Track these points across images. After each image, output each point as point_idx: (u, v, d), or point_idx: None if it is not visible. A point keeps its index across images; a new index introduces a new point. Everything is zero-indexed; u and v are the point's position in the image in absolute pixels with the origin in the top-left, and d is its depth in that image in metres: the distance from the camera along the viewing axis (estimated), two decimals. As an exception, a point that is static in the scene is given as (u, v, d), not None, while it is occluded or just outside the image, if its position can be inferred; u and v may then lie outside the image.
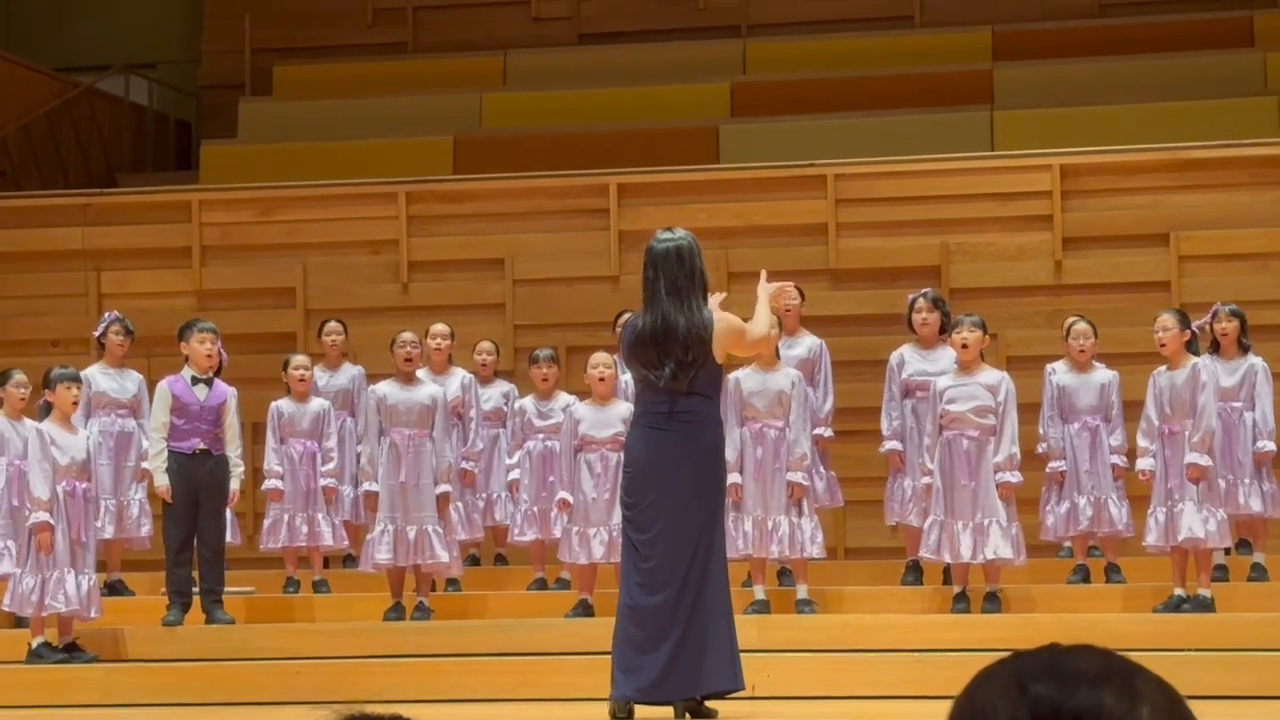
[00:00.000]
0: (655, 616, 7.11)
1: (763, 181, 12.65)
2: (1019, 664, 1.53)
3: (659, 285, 7.16)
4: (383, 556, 9.76)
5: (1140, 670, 1.54)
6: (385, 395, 9.94)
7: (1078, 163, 12.32)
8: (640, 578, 7.13)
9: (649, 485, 7.11)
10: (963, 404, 9.39)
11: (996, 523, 9.27)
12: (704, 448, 7.16)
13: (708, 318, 7.14)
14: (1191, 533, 9.11)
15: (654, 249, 7.26)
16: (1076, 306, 11.45)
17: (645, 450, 7.15)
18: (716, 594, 7.19)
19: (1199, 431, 9.16)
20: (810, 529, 9.57)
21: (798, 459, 9.53)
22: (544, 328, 12.45)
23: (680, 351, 7.06)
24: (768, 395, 9.61)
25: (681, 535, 7.08)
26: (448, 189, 13.09)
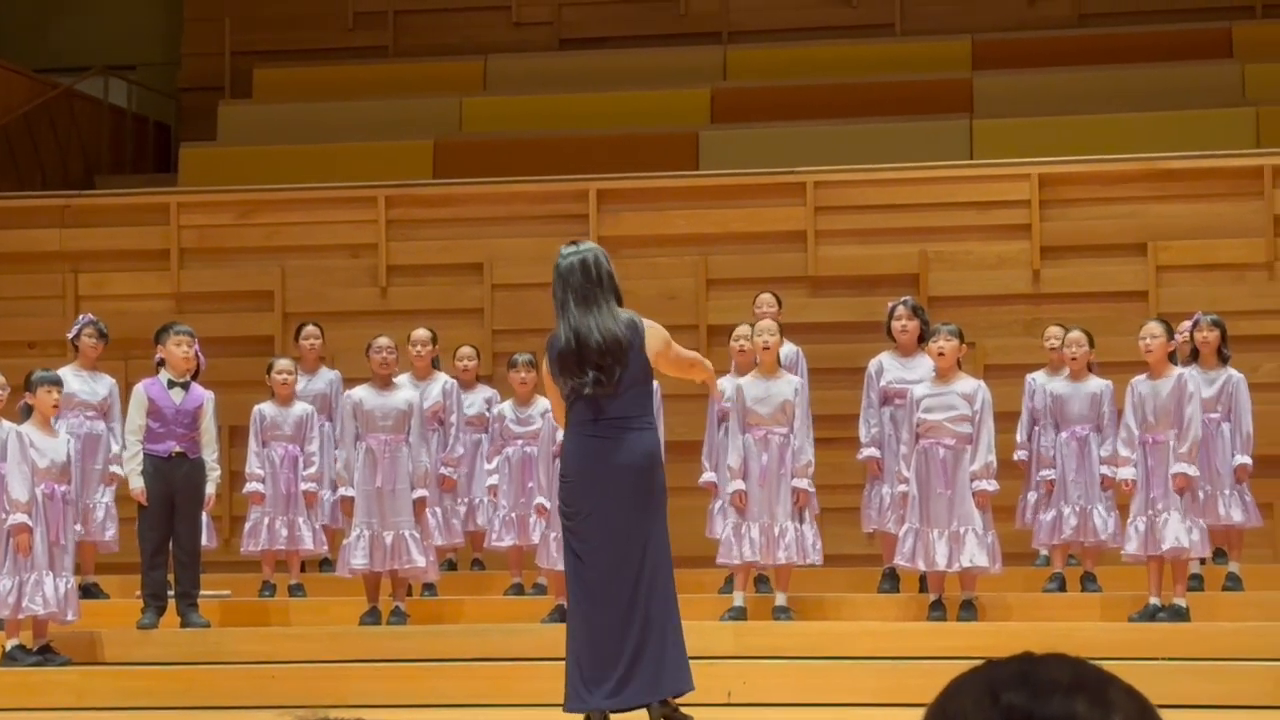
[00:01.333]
0: (608, 628, 7.10)
1: (742, 188, 12.66)
2: (991, 673, 1.53)
3: (568, 300, 7.19)
4: (359, 561, 9.74)
5: (1112, 679, 1.54)
6: (361, 400, 9.92)
7: (1056, 172, 12.35)
8: (586, 589, 7.13)
9: (586, 495, 7.11)
10: (939, 413, 9.40)
11: (972, 531, 9.28)
12: (639, 453, 7.16)
13: (624, 318, 7.16)
14: (1177, 542, 9.13)
15: (559, 266, 7.29)
16: (1054, 315, 11.48)
17: (579, 458, 7.16)
18: (665, 597, 7.19)
19: (1186, 441, 9.18)
20: (812, 536, 9.62)
21: (803, 466, 9.58)
22: (522, 333, 12.44)
23: (597, 357, 7.08)
24: (771, 402, 9.64)
25: (625, 543, 7.08)
26: (427, 193, 13.08)
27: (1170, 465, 9.23)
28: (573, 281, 7.16)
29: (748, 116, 14.15)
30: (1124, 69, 13.84)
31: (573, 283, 7.16)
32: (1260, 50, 13.80)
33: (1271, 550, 11.51)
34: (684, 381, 11.31)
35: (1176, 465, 9.17)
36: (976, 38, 14.63)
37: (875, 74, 14.26)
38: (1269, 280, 12.00)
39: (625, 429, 7.11)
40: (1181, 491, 9.17)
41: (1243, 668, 8.81)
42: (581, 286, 7.14)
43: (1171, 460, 9.22)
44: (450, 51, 15.60)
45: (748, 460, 9.62)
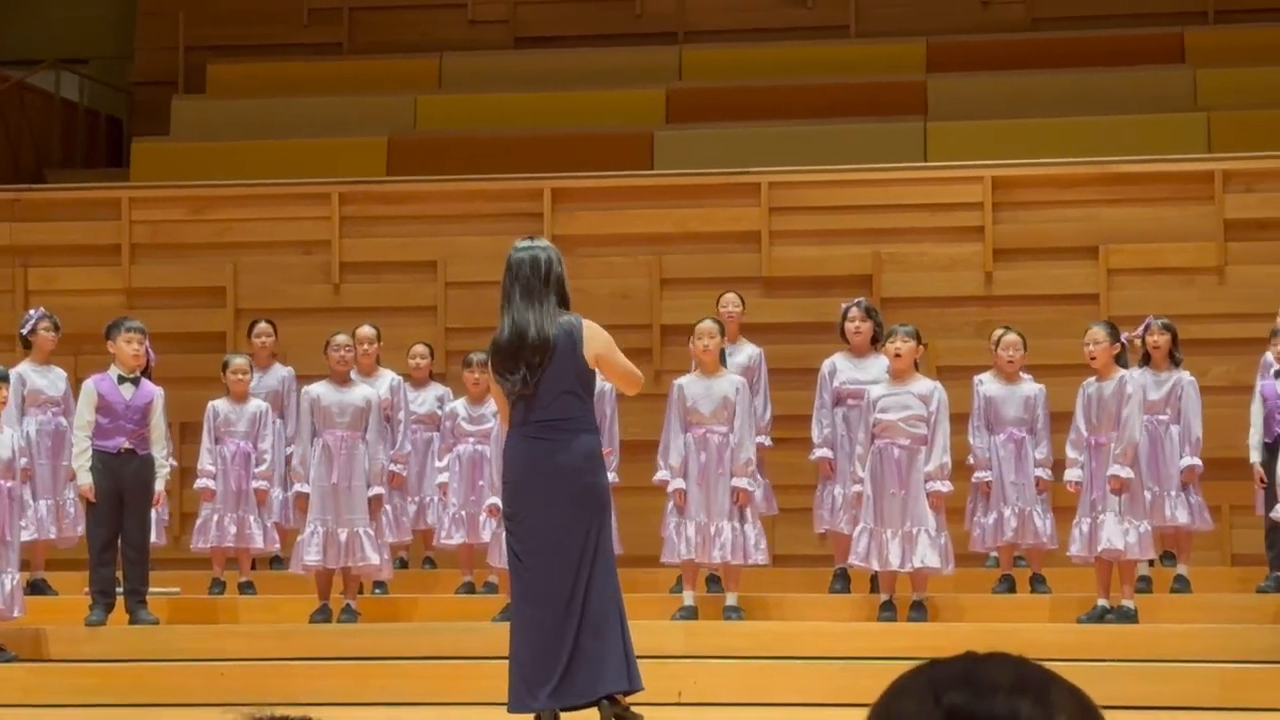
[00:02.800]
0: (548, 628, 7.10)
1: (697, 188, 12.67)
2: (934, 673, 1.53)
3: (514, 292, 7.18)
4: (312, 557, 9.71)
5: (1055, 679, 1.54)
6: (319, 396, 9.90)
7: (1009, 175, 12.40)
8: (526, 590, 7.12)
9: (527, 497, 7.10)
10: (895, 413, 9.43)
11: (925, 531, 9.31)
12: (579, 453, 7.15)
13: (564, 321, 7.15)
14: (1111, 544, 9.18)
15: (511, 258, 7.28)
16: (1006, 317, 11.52)
17: (517, 460, 7.15)
18: (608, 598, 7.19)
19: (1122, 443, 9.24)
20: (754, 535, 9.61)
21: (742, 464, 9.57)
22: (476, 331, 12.41)
23: (531, 355, 7.07)
24: (712, 401, 9.64)
25: (566, 545, 7.08)
26: (381, 190, 13.05)
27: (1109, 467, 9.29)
28: (520, 275, 7.15)
29: (703, 116, 14.16)
30: (1077, 73, 13.91)
31: (520, 276, 7.15)
32: (1212, 56, 13.89)
33: (1220, 553, 11.58)
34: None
35: (1111, 467, 9.22)
36: (931, 40, 14.68)
37: (830, 75, 14.29)
38: (1219, 284, 12.07)
39: (562, 430, 7.09)
40: (1117, 493, 9.22)
41: (1189, 669, 8.86)
42: (528, 281, 7.13)
43: (1109, 462, 9.27)
44: (405, 49, 15.56)
45: (688, 459, 9.63)
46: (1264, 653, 9.01)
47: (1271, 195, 12.11)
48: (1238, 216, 12.10)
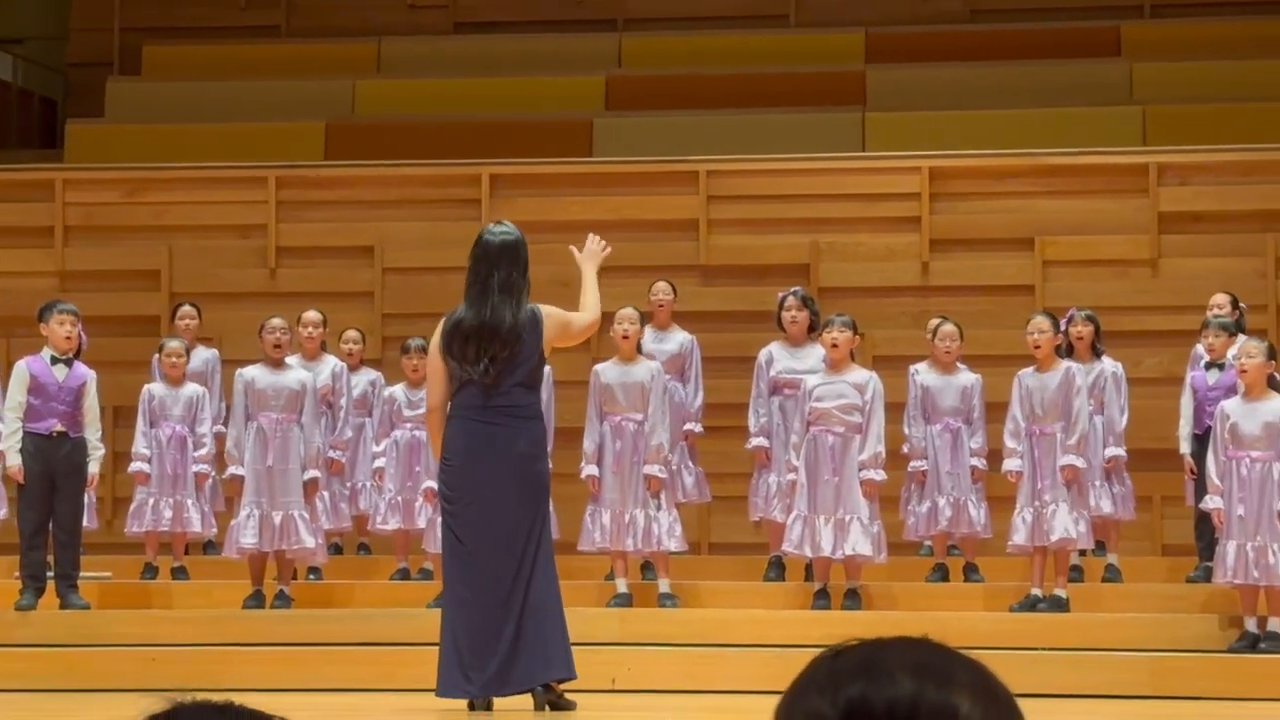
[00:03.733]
0: (489, 615, 7.09)
1: (635, 176, 12.66)
2: (835, 664, 1.52)
3: (492, 280, 7.14)
4: (248, 541, 9.67)
5: (959, 660, 1.53)
6: (254, 379, 9.86)
7: (946, 166, 12.45)
8: (468, 575, 7.10)
9: (471, 483, 7.09)
10: (830, 401, 9.46)
11: (858, 519, 9.34)
12: (526, 441, 7.14)
13: (531, 314, 7.14)
14: (1066, 533, 9.25)
15: (489, 242, 7.23)
16: (942, 308, 11.57)
17: (467, 445, 7.13)
18: (547, 586, 7.19)
19: (1075, 433, 9.30)
20: (668, 522, 9.60)
21: (654, 451, 9.56)
22: (413, 317, 12.37)
23: (498, 348, 7.05)
24: (628, 388, 9.64)
25: (509, 531, 7.07)
26: (318, 175, 12.99)
27: (1059, 457, 9.34)
28: (501, 263, 7.11)
29: (642, 104, 14.15)
30: (1014, 65, 13.97)
31: (500, 264, 7.11)
32: (1148, 49, 13.97)
33: (1151, 543, 11.67)
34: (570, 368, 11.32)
35: (1065, 457, 9.28)
36: (870, 31, 14.71)
37: (769, 65, 14.30)
38: (1152, 277, 12.16)
39: (514, 417, 7.09)
40: (1070, 483, 9.28)
41: (1120, 658, 8.93)
42: (507, 270, 7.10)
43: (1059, 452, 9.33)
44: (344, 33, 15.47)
45: (602, 446, 9.63)
46: (1193, 641, 9.09)
47: (1205, 189, 12.20)
48: (1172, 209, 12.18)
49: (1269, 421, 8.88)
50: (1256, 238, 12.07)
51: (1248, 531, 8.80)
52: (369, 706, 8.52)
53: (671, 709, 8.43)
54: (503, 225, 7.34)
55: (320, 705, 8.43)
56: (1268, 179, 12.17)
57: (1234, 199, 12.14)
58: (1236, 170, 12.21)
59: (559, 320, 7.25)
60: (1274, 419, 8.87)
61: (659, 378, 9.67)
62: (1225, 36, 13.80)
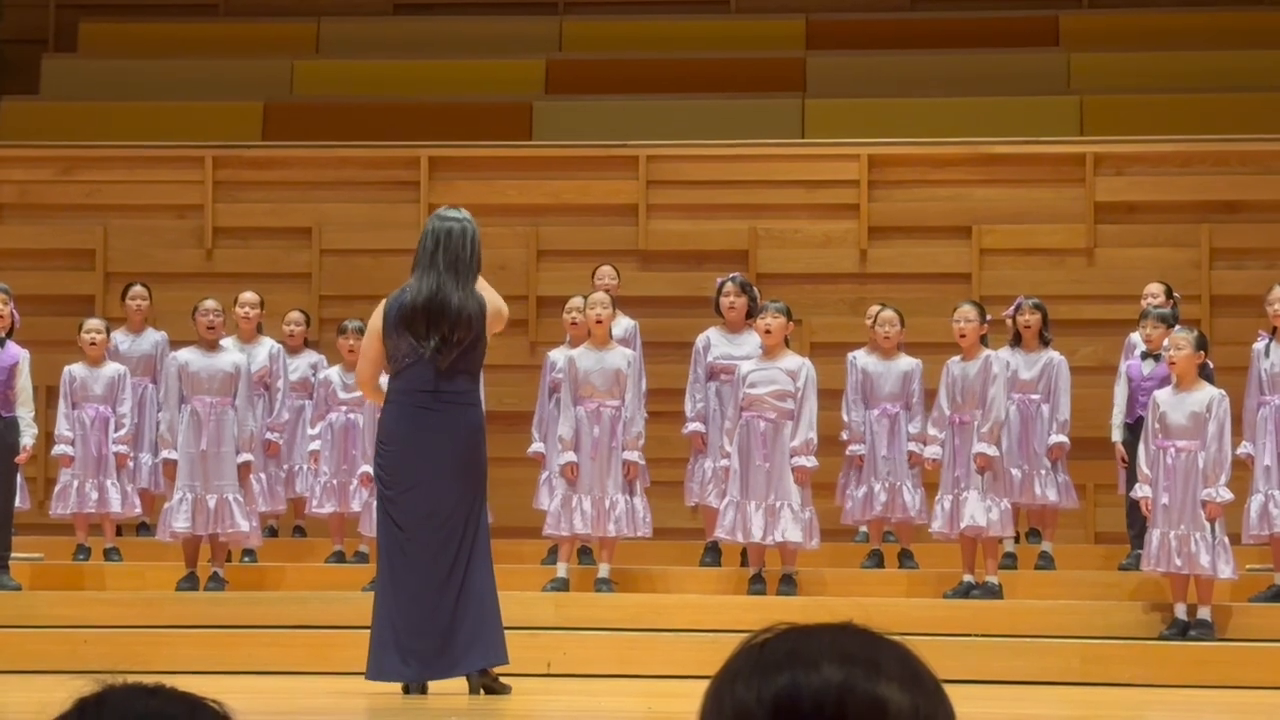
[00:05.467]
0: (427, 599, 7.09)
1: (575, 160, 12.66)
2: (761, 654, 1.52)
3: (439, 258, 7.15)
4: (181, 524, 9.63)
5: (883, 644, 1.53)
6: (187, 362, 9.81)
7: (885, 153, 12.50)
8: (406, 560, 7.11)
9: (410, 467, 7.09)
10: (763, 387, 9.50)
11: (789, 505, 9.38)
12: (466, 428, 7.16)
13: (479, 298, 7.15)
14: (974, 521, 9.32)
15: (439, 224, 7.24)
16: (880, 295, 11.62)
17: (406, 429, 7.13)
18: (483, 572, 7.20)
19: (988, 422, 9.37)
20: (642, 508, 9.66)
21: (633, 438, 9.61)
22: (350, 299, 12.33)
23: (447, 329, 7.05)
24: (604, 374, 9.67)
25: (447, 517, 7.08)
26: (256, 155, 12.93)
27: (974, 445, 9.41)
28: (449, 244, 7.11)
29: (582, 88, 14.13)
30: (953, 54, 14.03)
31: (449, 245, 7.10)
32: (1085, 40, 14.06)
33: (1084, 530, 11.77)
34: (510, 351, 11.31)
35: (977, 445, 9.36)
36: (810, 17, 14.74)
37: (709, 50, 14.32)
38: (1088, 266, 12.25)
39: (455, 403, 7.09)
40: (982, 471, 9.35)
41: (1052, 645, 9.01)
42: (456, 253, 7.09)
43: (975, 440, 9.40)
44: (282, 12, 15.38)
45: (579, 432, 9.64)
46: (1124, 628, 9.18)
47: (1141, 179, 12.30)
48: (1108, 199, 12.28)
49: (1195, 412, 8.96)
50: (1191, 228, 12.17)
51: (1172, 520, 8.89)
52: (303, 689, 8.50)
53: (607, 693, 8.45)
54: (456, 210, 7.33)
55: (254, 688, 8.41)
56: (1203, 170, 12.27)
57: (1170, 189, 12.24)
58: (1173, 161, 12.32)
59: (494, 305, 7.25)
60: (1199, 409, 8.96)
61: (636, 364, 9.73)
62: (1163, 27, 13.90)
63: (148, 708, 1.53)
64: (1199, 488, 8.89)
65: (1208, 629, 8.96)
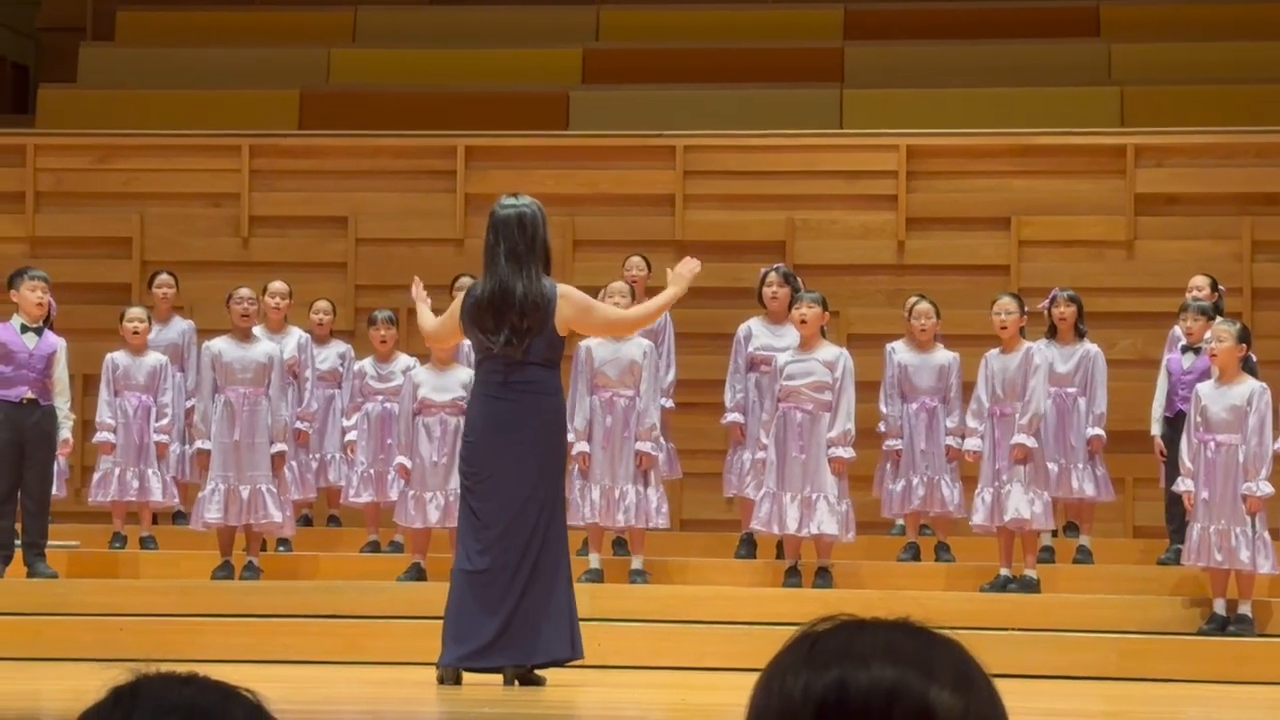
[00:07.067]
0: (493, 582, 7.12)
1: (611, 150, 12.66)
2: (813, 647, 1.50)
3: (499, 251, 7.16)
4: (213, 515, 9.67)
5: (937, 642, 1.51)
6: (221, 352, 9.85)
7: (923, 144, 12.46)
8: (480, 544, 7.15)
9: (489, 457, 7.13)
10: (800, 379, 9.50)
11: (825, 497, 9.37)
12: (543, 417, 7.18)
13: (547, 288, 7.14)
14: (1018, 514, 9.30)
15: (496, 214, 7.25)
16: (917, 287, 11.59)
17: (484, 420, 7.17)
18: (556, 563, 7.21)
19: (1027, 413, 9.35)
20: (656, 499, 9.65)
21: (647, 429, 9.60)
22: (385, 289, 12.35)
23: (515, 318, 7.06)
24: (619, 364, 9.67)
25: (523, 506, 7.11)
26: (292, 144, 12.96)
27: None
28: (507, 234, 7.13)
29: (619, 78, 14.12)
30: (993, 44, 13.97)
31: (506, 235, 7.12)
32: (1127, 30, 13.99)
33: (1122, 525, 11.72)
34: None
35: (1016, 436, 9.34)
36: (849, 7, 14.70)
37: (747, 40, 14.29)
38: (1127, 258, 12.20)
39: (532, 393, 7.10)
40: (1021, 462, 9.33)
41: (1089, 639, 8.99)
42: (516, 242, 7.11)
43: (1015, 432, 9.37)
44: (319, 1, 15.41)
45: (592, 422, 9.64)
46: (1163, 624, 9.15)
47: (1181, 170, 12.24)
48: (1148, 191, 12.22)
49: (1236, 405, 8.93)
50: (1232, 220, 12.11)
51: (1212, 515, 8.86)
52: (337, 679, 8.53)
53: (641, 685, 8.45)
54: (514, 197, 7.34)
55: (287, 678, 8.44)
56: (1245, 162, 12.21)
57: (1211, 181, 12.17)
58: (1214, 152, 12.25)
59: (578, 303, 7.22)
60: (1240, 403, 8.92)
61: (651, 355, 9.73)
62: (1205, 18, 13.82)
63: (181, 697, 1.53)
64: (1239, 482, 8.85)
65: (1248, 624, 8.92)
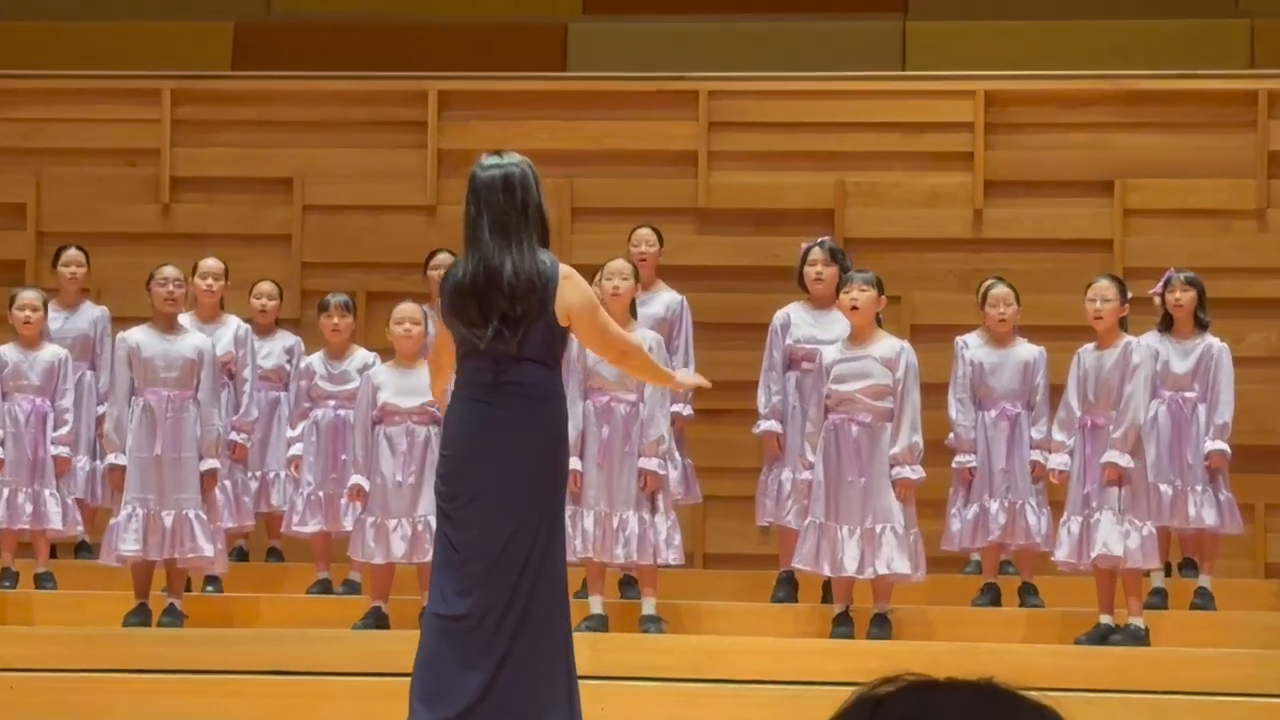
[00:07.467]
0: (473, 630, 7.09)
1: (620, 96, 12.67)
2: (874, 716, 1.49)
3: (481, 224, 7.12)
4: (129, 547, 9.69)
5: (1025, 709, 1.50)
6: (139, 345, 9.86)
7: (1006, 89, 12.46)
8: (458, 584, 7.10)
9: (471, 473, 7.08)
10: (853, 382, 9.47)
11: (890, 528, 9.36)
12: (539, 426, 7.14)
13: (545, 264, 7.10)
14: (1107, 549, 9.26)
15: (477, 177, 7.22)
16: (998, 266, 11.59)
17: (466, 428, 7.12)
18: (553, 608, 7.17)
19: (1122, 425, 9.31)
20: (666, 529, 9.62)
21: (653, 442, 9.57)
22: (340, 267, 12.38)
23: (505, 304, 7.02)
24: (621, 361, 9.64)
25: (512, 537, 7.06)
26: (224, 88, 12.98)
27: (1105, 454, 9.36)
28: (490, 201, 7.08)
29: (629, 8, 14.13)
30: (1093, -34, 13.98)
31: (490, 203, 7.08)
32: (1259, -51, 13.99)
33: (1251, 562, 11.71)
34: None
35: (1108, 453, 9.30)
36: (914, -80, 14.71)
37: (788, -40, 14.31)
38: (1259, 231, 12.19)
39: (525, 396, 7.06)
40: (1114, 485, 9.29)
41: (1211, 704, 8.97)
42: (501, 210, 7.07)
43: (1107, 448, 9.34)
44: (259, -89, 15.44)
45: (585, 433, 9.61)
46: (1302, 685, 9.14)
47: (1326, 123, 12.25)
48: (1286, 148, 12.24)
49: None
50: (1389, 184, 12.12)
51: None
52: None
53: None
54: (498, 156, 7.29)
55: (218, 748, 8.47)
56: (1404, 112, 12.21)
57: (1362, 136, 12.18)
58: (1368, 100, 12.26)
59: (585, 295, 7.15)
60: None
61: (659, 350, 9.64)
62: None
63: None
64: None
65: None
